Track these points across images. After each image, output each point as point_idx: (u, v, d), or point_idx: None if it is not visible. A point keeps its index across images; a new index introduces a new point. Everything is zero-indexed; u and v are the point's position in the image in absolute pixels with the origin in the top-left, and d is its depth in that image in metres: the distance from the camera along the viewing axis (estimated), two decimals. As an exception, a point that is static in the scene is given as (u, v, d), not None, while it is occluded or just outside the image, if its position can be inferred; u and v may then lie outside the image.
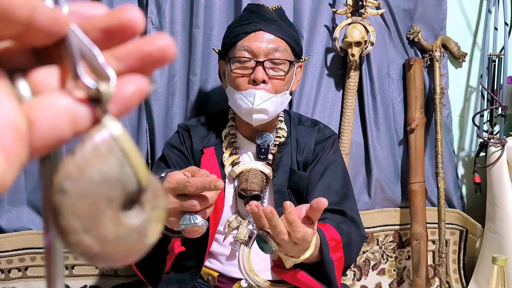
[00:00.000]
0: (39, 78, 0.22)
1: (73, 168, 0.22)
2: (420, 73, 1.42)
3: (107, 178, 0.22)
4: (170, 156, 1.07)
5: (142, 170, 0.24)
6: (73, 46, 0.22)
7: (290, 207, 0.66)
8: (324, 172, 1.04)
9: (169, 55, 0.23)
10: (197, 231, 0.64)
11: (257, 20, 1.01)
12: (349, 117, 1.39)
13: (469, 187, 1.58)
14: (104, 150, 0.22)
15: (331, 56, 1.42)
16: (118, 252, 0.24)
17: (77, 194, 0.22)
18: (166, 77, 1.31)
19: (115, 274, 1.39)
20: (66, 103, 0.22)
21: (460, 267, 1.54)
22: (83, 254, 0.23)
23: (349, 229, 0.94)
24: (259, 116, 1.00)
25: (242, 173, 1.04)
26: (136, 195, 0.24)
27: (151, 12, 1.27)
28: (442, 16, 1.47)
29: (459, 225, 1.52)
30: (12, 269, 1.35)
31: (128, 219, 0.24)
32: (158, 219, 0.25)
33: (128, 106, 0.23)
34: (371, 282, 1.51)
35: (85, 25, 0.23)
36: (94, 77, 0.22)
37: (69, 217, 0.22)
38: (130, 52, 0.23)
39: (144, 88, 0.23)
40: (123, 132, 0.23)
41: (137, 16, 0.22)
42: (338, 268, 0.85)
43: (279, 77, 1.00)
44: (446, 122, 1.49)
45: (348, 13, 1.33)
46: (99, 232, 0.23)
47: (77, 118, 0.22)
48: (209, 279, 1.07)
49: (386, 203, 1.48)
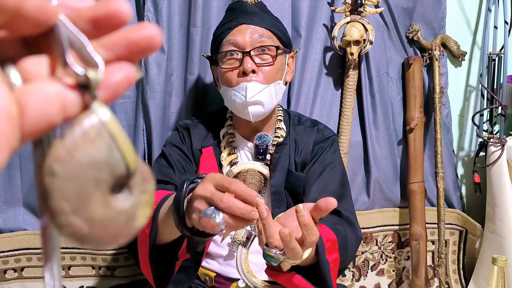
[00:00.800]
0: (29, 66, 0.23)
1: (62, 152, 0.22)
2: (420, 72, 1.41)
3: (95, 162, 0.23)
4: (171, 154, 1.06)
5: (130, 155, 0.24)
6: (62, 35, 0.22)
7: (303, 210, 0.64)
8: (321, 172, 1.03)
9: (155, 43, 0.24)
10: (212, 226, 0.61)
11: (238, 15, 1.01)
12: (348, 116, 1.38)
13: (469, 187, 1.57)
14: (93, 134, 0.23)
15: (330, 55, 1.41)
16: (107, 234, 0.25)
17: (66, 176, 0.23)
18: (164, 76, 1.29)
19: (112, 275, 1.38)
20: (56, 89, 0.22)
21: (460, 267, 1.53)
22: (72, 235, 0.24)
23: (345, 231, 0.93)
24: (255, 109, 0.99)
25: (240, 174, 1.03)
26: (125, 179, 0.25)
27: (148, 10, 1.26)
28: (442, 14, 1.46)
29: (458, 225, 1.51)
30: (8, 270, 1.34)
31: (117, 202, 0.25)
32: (146, 203, 0.26)
33: (116, 92, 0.24)
34: (370, 282, 1.50)
35: (73, 16, 0.23)
36: (83, 65, 0.23)
37: (58, 199, 0.23)
38: (117, 41, 0.24)
39: (132, 75, 0.24)
40: (111, 117, 0.23)
41: (123, 7, 0.23)
42: (334, 269, 0.83)
43: (268, 64, 1.00)
44: (445, 121, 1.48)
45: (346, 12, 1.32)
46: (88, 214, 0.24)
47: (67, 104, 0.23)
48: (206, 279, 1.07)
49: (385, 203, 1.47)
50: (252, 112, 0.99)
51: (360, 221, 1.42)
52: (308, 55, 1.38)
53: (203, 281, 1.07)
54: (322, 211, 0.65)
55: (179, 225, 0.68)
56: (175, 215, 0.68)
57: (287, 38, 1.07)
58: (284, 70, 1.06)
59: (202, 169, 1.05)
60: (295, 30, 1.36)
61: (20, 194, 1.33)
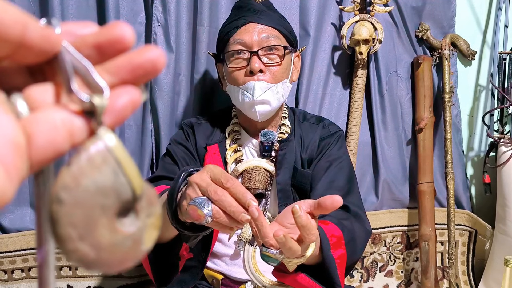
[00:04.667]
0: (35, 94, 0.23)
1: (69, 179, 0.23)
2: (429, 71, 1.40)
3: (101, 188, 0.23)
4: (176, 152, 1.06)
5: (136, 180, 0.24)
6: (66, 62, 0.23)
7: (299, 210, 0.62)
8: (328, 168, 1.02)
9: (159, 66, 0.24)
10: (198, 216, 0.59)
11: (245, 13, 1.01)
12: (357, 116, 1.37)
13: (478, 187, 1.56)
14: (99, 160, 0.23)
15: (338, 55, 1.40)
16: (114, 258, 0.25)
17: (73, 203, 0.23)
18: (172, 75, 1.29)
19: (119, 275, 1.38)
20: (62, 117, 0.22)
21: (469, 269, 1.52)
22: (79, 261, 0.24)
23: (352, 225, 0.91)
24: (262, 108, 0.99)
25: (245, 171, 1.02)
26: (131, 203, 0.25)
27: (156, 9, 1.26)
28: (451, 13, 1.45)
29: (468, 226, 1.49)
30: (15, 270, 1.34)
31: (123, 226, 0.25)
32: (153, 226, 0.26)
33: (121, 117, 0.24)
34: (378, 283, 1.49)
35: (77, 43, 0.23)
36: (88, 91, 0.23)
37: (65, 226, 0.23)
38: (121, 65, 0.24)
39: (137, 99, 0.24)
40: (117, 143, 0.24)
41: (127, 32, 0.23)
42: (341, 265, 0.82)
43: (275, 63, 1.00)
44: (455, 121, 1.46)
45: (355, 11, 1.31)
46: (94, 239, 0.24)
47: (74, 131, 0.23)
48: (213, 282, 1.06)
49: (394, 203, 1.46)
50: (259, 111, 0.99)
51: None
52: (316, 55, 1.37)
53: (210, 284, 1.07)
54: (328, 209, 0.63)
55: (171, 217, 0.66)
56: (168, 206, 0.66)
57: (293, 37, 1.06)
58: (291, 69, 1.05)
59: None
60: (304, 29, 1.36)
61: (28, 194, 1.33)
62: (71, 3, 1.22)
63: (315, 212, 0.65)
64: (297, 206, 0.62)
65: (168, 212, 0.66)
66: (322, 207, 0.64)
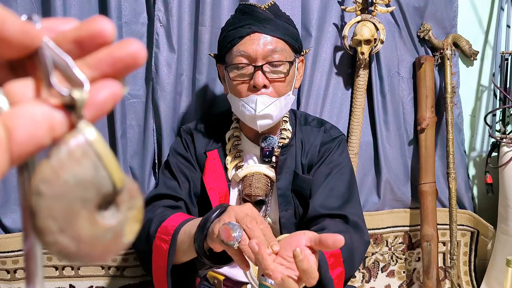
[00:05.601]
0: (15, 89, 0.23)
1: (48, 172, 0.23)
2: (431, 71, 1.39)
3: (81, 181, 0.23)
4: (175, 165, 1.06)
5: (116, 173, 0.24)
6: (46, 57, 0.23)
7: (301, 254, 0.62)
8: (328, 175, 1.01)
9: (139, 59, 0.24)
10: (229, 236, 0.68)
11: (250, 22, 0.96)
12: (358, 116, 1.37)
13: (480, 187, 1.56)
14: (79, 154, 0.23)
15: (340, 55, 1.40)
16: (94, 250, 0.25)
17: (53, 196, 0.23)
18: (174, 76, 1.29)
19: (122, 275, 1.38)
20: (43, 111, 0.22)
21: (471, 269, 1.52)
22: (59, 253, 0.24)
23: (351, 239, 0.90)
24: (264, 122, 0.98)
25: (246, 177, 1.02)
26: (112, 197, 0.25)
27: (158, 10, 1.26)
28: (453, 13, 1.44)
29: (470, 227, 1.49)
30: (18, 270, 1.34)
31: (104, 219, 0.25)
32: (134, 219, 0.27)
33: (102, 110, 0.24)
34: (380, 284, 1.49)
35: (57, 38, 0.23)
36: (68, 85, 0.23)
37: (45, 218, 0.23)
38: (101, 58, 0.24)
39: (117, 92, 0.24)
40: (98, 136, 0.24)
41: (106, 26, 0.23)
42: (338, 284, 0.82)
43: (280, 79, 0.97)
44: (457, 121, 1.46)
45: (357, 11, 1.31)
46: (74, 232, 0.24)
47: (54, 125, 0.23)
48: (214, 282, 1.06)
49: (395, 204, 1.46)
50: (260, 125, 0.98)
51: (370, 222, 1.42)
52: (318, 55, 1.37)
53: (211, 284, 1.07)
54: (329, 248, 0.64)
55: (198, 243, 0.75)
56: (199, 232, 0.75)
57: (299, 43, 1.03)
58: (294, 79, 1.03)
59: (208, 173, 1.04)
60: (305, 30, 1.35)
61: (30, 194, 1.33)
62: (73, 4, 1.22)
63: (315, 247, 0.66)
64: (298, 250, 0.62)
65: (197, 238, 0.75)
66: (323, 245, 0.64)
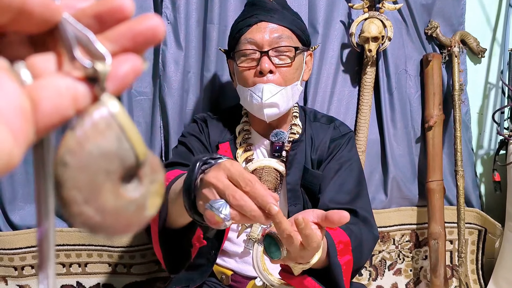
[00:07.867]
0: (38, 63, 0.23)
1: (73, 143, 0.23)
2: (438, 69, 1.39)
3: (105, 153, 0.24)
4: (190, 142, 1.04)
5: (139, 146, 0.25)
6: (67, 32, 0.23)
7: (303, 222, 0.62)
8: (338, 170, 1.02)
9: (158, 33, 0.24)
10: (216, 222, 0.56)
11: (258, 12, 1.00)
12: (365, 114, 1.37)
13: (488, 185, 1.55)
14: (103, 126, 0.23)
15: (347, 52, 1.40)
16: (118, 223, 0.25)
17: (78, 167, 0.23)
18: (181, 73, 1.29)
19: (128, 272, 1.38)
20: (66, 83, 0.23)
21: (479, 267, 1.51)
22: (84, 224, 0.24)
23: (360, 231, 0.91)
24: (270, 111, 0.98)
25: (255, 171, 1.02)
26: (135, 169, 0.25)
27: (166, 7, 1.26)
28: (461, 11, 1.44)
29: (477, 225, 1.49)
30: (25, 266, 1.35)
31: (127, 191, 0.25)
32: (156, 193, 0.27)
33: (124, 83, 0.24)
34: (387, 282, 1.48)
35: (77, 14, 0.24)
36: (90, 59, 0.23)
37: (70, 189, 0.23)
38: (122, 33, 0.24)
39: (139, 66, 0.24)
40: (121, 109, 0.24)
41: (125, 1, 0.24)
42: (346, 271, 0.82)
43: (286, 65, 0.98)
44: (464, 119, 1.46)
45: (364, 8, 1.31)
46: (99, 203, 0.24)
47: (78, 97, 0.23)
48: (222, 277, 1.06)
49: (402, 202, 1.45)
50: (267, 114, 0.98)
51: (378, 220, 1.41)
52: (325, 52, 1.36)
53: (219, 280, 1.07)
54: (335, 223, 0.65)
55: (189, 209, 0.63)
56: (185, 197, 0.63)
57: (306, 36, 1.05)
58: (302, 69, 1.04)
59: None
60: (312, 27, 1.35)
61: (38, 191, 1.33)
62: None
63: (322, 224, 0.67)
64: (300, 218, 0.62)
65: (186, 203, 0.63)
66: (329, 221, 0.65)
